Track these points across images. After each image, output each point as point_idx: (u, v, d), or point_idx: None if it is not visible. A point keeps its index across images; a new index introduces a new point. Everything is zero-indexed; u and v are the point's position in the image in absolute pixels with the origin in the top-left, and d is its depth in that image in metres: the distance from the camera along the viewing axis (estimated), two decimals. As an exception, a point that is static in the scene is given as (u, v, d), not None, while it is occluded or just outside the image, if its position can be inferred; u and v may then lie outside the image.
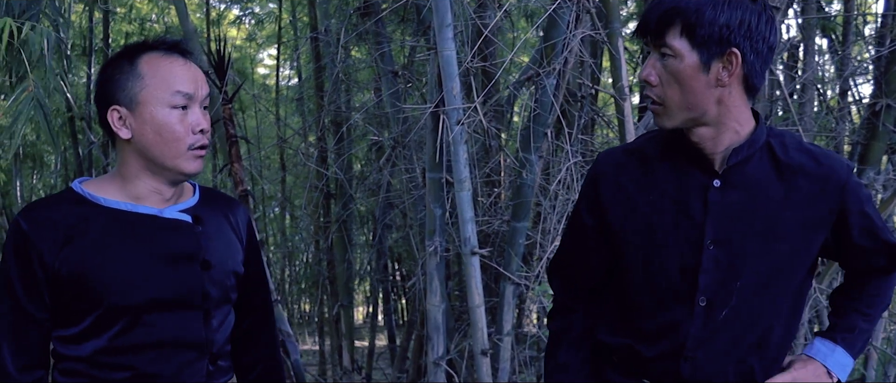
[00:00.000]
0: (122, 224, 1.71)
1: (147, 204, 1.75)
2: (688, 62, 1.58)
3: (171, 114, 1.68)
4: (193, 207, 1.82)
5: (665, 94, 1.62)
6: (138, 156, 1.72)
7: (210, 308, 1.79)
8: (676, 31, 1.57)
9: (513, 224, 3.56)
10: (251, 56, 9.52)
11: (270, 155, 8.40)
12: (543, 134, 3.44)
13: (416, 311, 4.90)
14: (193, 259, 1.76)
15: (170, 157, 1.70)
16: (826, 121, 4.09)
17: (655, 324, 1.74)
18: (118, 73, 1.70)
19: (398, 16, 4.42)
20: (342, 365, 5.70)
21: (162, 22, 7.60)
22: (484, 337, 3.33)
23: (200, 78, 1.74)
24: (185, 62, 1.72)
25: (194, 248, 1.76)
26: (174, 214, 1.76)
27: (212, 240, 1.80)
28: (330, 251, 5.62)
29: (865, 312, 1.82)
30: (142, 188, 1.74)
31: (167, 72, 1.69)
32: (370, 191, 5.50)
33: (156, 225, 1.74)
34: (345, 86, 5.30)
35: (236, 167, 3.98)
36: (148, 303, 1.70)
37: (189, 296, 1.75)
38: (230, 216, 1.89)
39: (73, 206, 1.71)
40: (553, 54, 3.27)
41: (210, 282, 1.78)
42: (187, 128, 1.70)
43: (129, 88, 1.68)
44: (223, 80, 3.85)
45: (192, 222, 1.78)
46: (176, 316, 1.73)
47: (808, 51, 3.90)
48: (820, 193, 1.66)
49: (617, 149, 1.86)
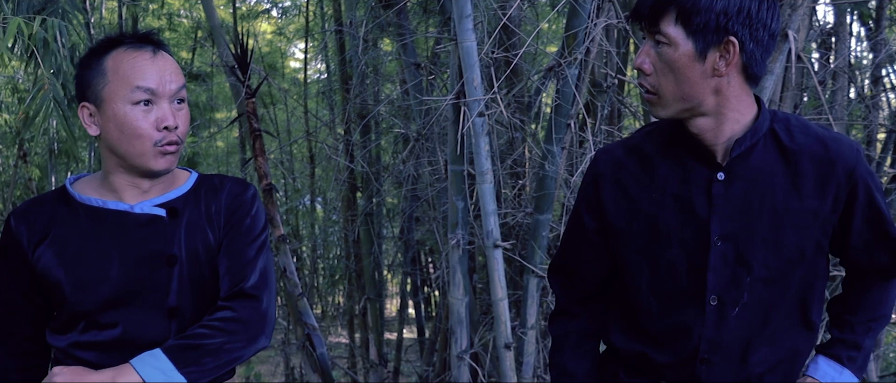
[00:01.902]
0: (93, 221, 1.72)
1: (123, 198, 1.74)
2: (683, 51, 1.51)
3: (133, 111, 1.66)
4: (178, 198, 1.78)
5: (659, 83, 1.56)
6: (109, 153, 1.72)
7: (176, 306, 1.74)
8: (671, 17, 1.51)
9: (536, 216, 3.52)
10: (282, 50, 9.55)
11: (300, 147, 8.42)
12: (566, 125, 3.39)
13: (443, 304, 4.88)
14: (159, 255, 1.72)
15: (136, 155, 1.68)
16: (858, 110, 3.99)
17: (666, 327, 1.68)
18: (87, 69, 1.71)
19: (421, 7, 4.39)
20: (369, 358, 5.70)
21: (190, 17, 7.65)
22: (507, 330, 3.30)
23: (170, 71, 1.70)
24: (152, 56, 1.69)
25: (161, 244, 1.72)
26: (146, 209, 1.74)
27: (184, 234, 1.75)
28: (357, 244, 5.62)
29: (869, 327, 1.73)
30: (119, 182, 1.74)
31: (130, 67, 1.66)
32: (396, 183, 5.49)
33: (125, 221, 1.72)
34: (370, 79, 5.28)
35: (260, 161, 3.98)
36: (108, 301, 1.69)
37: (153, 294, 1.72)
38: (212, 203, 1.80)
39: (57, 204, 1.74)
40: (575, 44, 3.22)
41: (177, 279, 1.73)
42: (151, 125, 1.67)
43: (95, 85, 1.68)
44: (246, 74, 3.85)
45: (165, 216, 1.74)
46: (138, 314, 1.71)
47: (840, 37, 3.80)
48: (828, 178, 1.58)
49: (615, 146, 1.78)
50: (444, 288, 4.45)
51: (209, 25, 4.41)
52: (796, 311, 1.66)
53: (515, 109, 3.90)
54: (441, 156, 4.16)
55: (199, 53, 8.58)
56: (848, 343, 1.74)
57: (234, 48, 3.94)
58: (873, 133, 4.08)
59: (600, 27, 3.19)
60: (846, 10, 3.93)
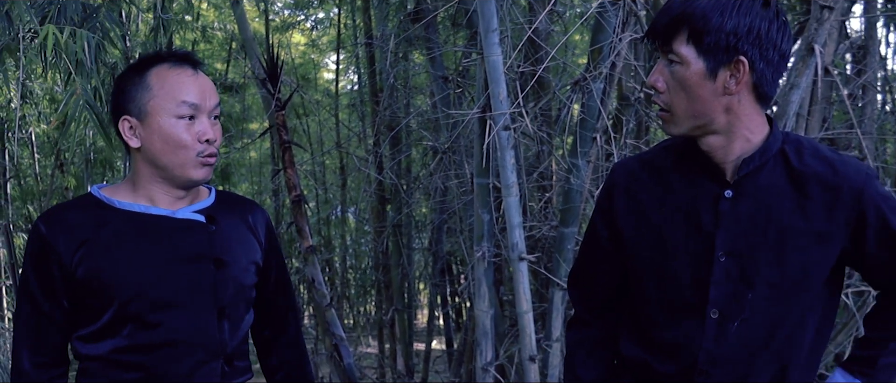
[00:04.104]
0: (136, 225, 1.76)
1: (160, 205, 1.79)
2: (694, 69, 1.54)
3: (177, 125, 1.73)
4: (208, 208, 1.85)
5: (672, 101, 1.59)
6: (148, 164, 1.77)
7: (224, 307, 1.81)
8: (683, 37, 1.54)
9: (561, 229, 3.53)
10: (315, 61, 9.65)
11: (332, 158, 8.49)
12: (592, 138, 3.41)
13: (471, 316, 4.90)
14: (206, 258, 1.79)
15: (177, 165, 1.74)
16: (888, 124, 3.96)
17: (668, 338, 1.70)
18: (129, 84, 1.76)
19: (450, 20, 4.42)
20: (396, 368, 5.73)
21: (224, 29, 7.75)
22: (532, 343, 3.31)
23: (209, 89, 1.78)
24: (194, 74, 1.77)
25: (206, 247, 1.80)
26: (187, 214, 1.80)
27: (226, 239, 1.83)
28: (386, 255, 5.66)
29: (887, 345, 1.70)
30: (154, 192, 1.79)
31: (174, 83, 1.73)
32: (425, 195, 5.52)
33: (169, 225, 1.78)
34: (399, 91, 5.33)
35: (289, 172, 4.03)
36: (159, 303, 1.74)
37: (201, 296, 1.78)
38: (248, 217, 1.92)
39: (90, 210, 1.77)
40: (600, 58, 3.23)
41: (223, 281, 1.81)
42: (194, 137, 1.74)
43: (139, 99, 1.74)
44: (276, 86, 3.91)
45: (205, 222, 1.82)
46: (188, 316, 1.77)
47: (870, 51, 3.77)
48: (835, 202, 1.59)
49: (632, 159, 1.82)
50: (472, 299, 4.48)
51: (242, 37, 4.48)
52: (800, 332, 1.66)
53: (542, 122, 3.92)
54: (468, 169, 4.18)
55: (233, 65, 8.69)
56: (863, 359, 1.73)
57: (264, 61, 4.00)
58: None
59: (626, 41, 3.20)
60: (876, 23, 3.90)
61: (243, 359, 1.91)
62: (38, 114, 6.80)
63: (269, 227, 1.98)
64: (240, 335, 1.87)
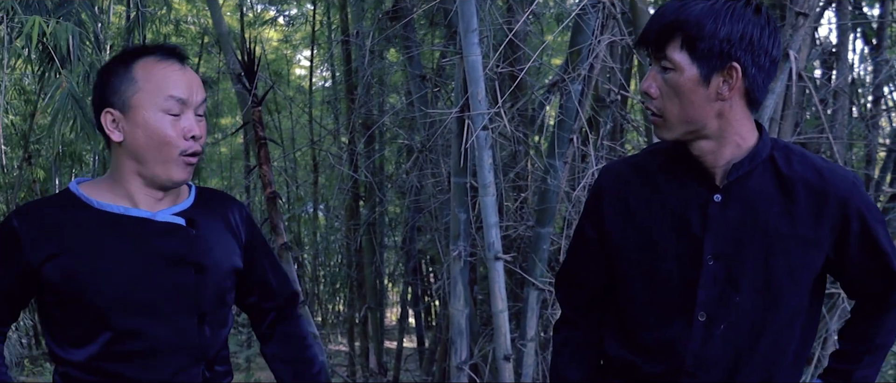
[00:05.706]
0: (114, 227, 1.71)
1: (140, 206, 1.74)
2: (687, 75, 1.55)
3: (163, 119, 1.69)
4: (188, 209, 1.81)
5: (665, 107, 1.60)
6: (130, 160, 1.73)
7: (205, 312, 1.78)
8: (677, 44, 1.55)
9: (537, 229, 3.55)
10: (288, 58, 9.60)
11: (304, 156, 8.46)
12: (569, 139, 3.43)
13: (443, 315, 4.91)
14: (186, 263, 1.75)
15: (160, 162, 1.70)
16: (858, 129, 4.02)
17: (655, 339, 1.72)
18: (113, 76, 1.71)
19: (428, 20, 4.43)
20: (368, 367, 5.72)
21: (198, 23, 7.69)
22: (507, 342, 3.32)
23: (196, 84, 1.75)
24: (181, 68, 1.73)
25: (186, 252, 1.75)
26: (167, 217, 1.76)
27: (206, 243, 1.79)
28: (359, 253, 5.64)
29: (862, 357, 1.75)
30: (134, 189, 1.74)
31: (162, 77, 1.70)
32: (399, 193, 5.52)
33: (148, 228, 1.73)
34: (375, 89, 5.32)
35: (265, 169, 4.00)
36: (138, 309, 1.70)
37: (182, 301, 1.74)
38: (228, 215, 1.88)
39: (67, 208, 1.72)
40: (578, 60, 3.25)
41: (203, 286, 1.77)
42: (179, 133, 1.70)
43: (123, 92, 1.70)
44: (253, 82, 3.88)
45: (185, 225, 1.77)
46: (169, 322, 1.73)
47: (841, 57, 3.83)
48: (821, 208, 1.62)
49: (620, 162, 1.83)
50: (444, 298, 4.48)
51: (216, 32, 4.45)
52: (786, 337, 1.69)
53: (519, 123, 3.94)
54: (444, 168, 4.19)
55: (206, 59, 8.62)
56: (837, 371, 1.78)
57: (241, 56, 3.97)
58: (873, 152, 4.10)
59: (604, 44, 3.22)
60: (849, 30, 3.96)
61: (224, 364, 1.88)
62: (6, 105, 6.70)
63: (250, 221, 1.94)
64: (220, 339, 1.84)
